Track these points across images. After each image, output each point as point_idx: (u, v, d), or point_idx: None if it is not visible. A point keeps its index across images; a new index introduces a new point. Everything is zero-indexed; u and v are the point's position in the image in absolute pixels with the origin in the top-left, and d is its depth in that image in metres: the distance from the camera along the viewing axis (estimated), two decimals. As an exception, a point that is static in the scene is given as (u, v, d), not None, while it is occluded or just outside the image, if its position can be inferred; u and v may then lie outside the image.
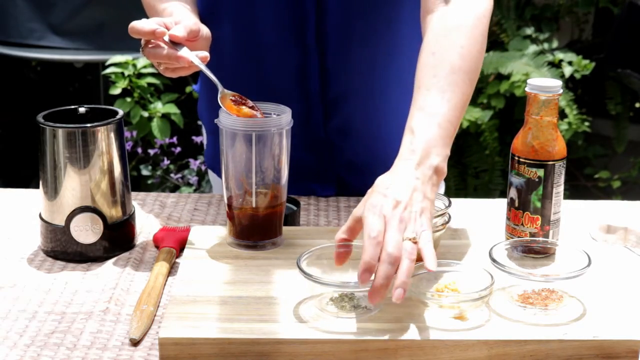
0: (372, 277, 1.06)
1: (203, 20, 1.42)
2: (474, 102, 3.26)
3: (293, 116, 1.27)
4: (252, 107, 1.26)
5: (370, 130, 1.54)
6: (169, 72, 1.33)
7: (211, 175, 1.72)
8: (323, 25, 1.45)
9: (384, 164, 1.59)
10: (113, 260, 1.32)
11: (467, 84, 1.26)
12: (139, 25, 1.25)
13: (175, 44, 1.27)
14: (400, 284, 1.05)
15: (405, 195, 1.13)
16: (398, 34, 1.47)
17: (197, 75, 1.80)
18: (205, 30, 1.36)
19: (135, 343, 1.10)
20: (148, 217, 1.48)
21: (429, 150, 1.18)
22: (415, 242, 1.08)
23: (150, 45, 1.28)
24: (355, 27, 1.45)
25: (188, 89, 3.07)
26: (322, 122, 1.52)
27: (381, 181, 1.17)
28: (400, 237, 1.08)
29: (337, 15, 1.44)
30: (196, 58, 1.27)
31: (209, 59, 1.28)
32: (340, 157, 1.56)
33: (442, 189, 1.74)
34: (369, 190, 1.17)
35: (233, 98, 1.27)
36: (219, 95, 1.27)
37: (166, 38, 1.26)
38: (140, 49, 1.29)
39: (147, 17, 1.35)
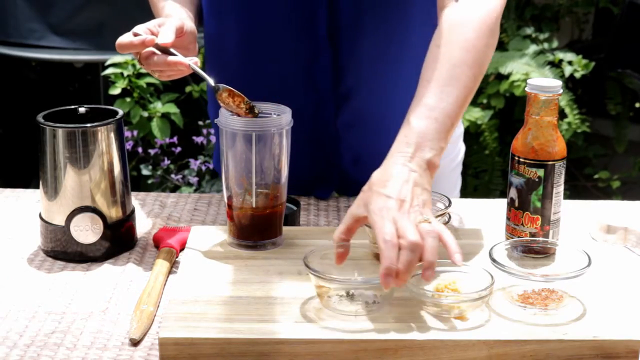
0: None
1: (206, 15, 1.41)
2: (474, 102, 3.26)
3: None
4: (248, 105, 1.25)
5: (379, 122, 1.53)
6: (164, 77, 1.33)
7: None
8: (335, 18, 1.43)
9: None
10: (113, 260, 1.32)
11: (470, 78, 1.26)
12: (125, 40, 1.27)
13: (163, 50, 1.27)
14: (429, 265, 1.07)
15: (407, 193, 1.13)
16: (409, 25, 1.46)
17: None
18: (189, 25, 1.35)
19: (135, 343, 1.10)
20: (148, 217, 1.48)
21: (424, 144, 1.19)
22: (429, 222, 1.10)
23: (144, 55, 1.28)
24: (366, 20, 1.44)
25: (188, 89, 3.07)
26: (333, 118, 1.51)
27: (377, 179, 1.17)
28: (413, 225, 1.09)
29: (349, 8, 1.43)
30: (191, 62, 1.27)
31: (199, 63, 1.28)
32: (346, 152, 1.55)
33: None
34: (365, 188, 1.17)
35: (227, 93, 1.26)
36: (215, 92, 1.26)
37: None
38: (137, 62, 1.30)
39: (151, 15, 1.35)
